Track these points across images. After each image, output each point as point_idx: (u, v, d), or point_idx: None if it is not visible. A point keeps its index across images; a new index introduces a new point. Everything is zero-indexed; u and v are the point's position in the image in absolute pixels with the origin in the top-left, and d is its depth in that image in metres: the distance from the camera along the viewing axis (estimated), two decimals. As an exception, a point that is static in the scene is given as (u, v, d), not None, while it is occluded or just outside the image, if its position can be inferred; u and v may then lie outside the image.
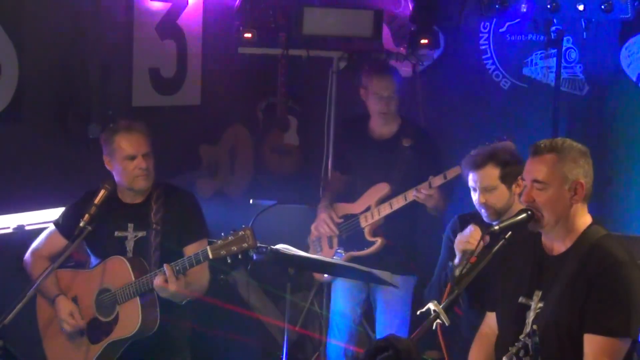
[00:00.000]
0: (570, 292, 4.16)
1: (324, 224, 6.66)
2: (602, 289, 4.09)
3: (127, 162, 5.51)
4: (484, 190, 5.21)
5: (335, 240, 6.68)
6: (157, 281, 5.27)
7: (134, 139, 5.52)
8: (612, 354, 4.07)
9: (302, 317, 7.51)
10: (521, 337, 4.00)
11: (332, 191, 6.92)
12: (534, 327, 3.98)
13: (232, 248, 5.16)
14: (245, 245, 5.15)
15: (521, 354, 3.96)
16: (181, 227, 5.59)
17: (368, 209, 6.52)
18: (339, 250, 6.63)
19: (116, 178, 5.59)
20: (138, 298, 5.37)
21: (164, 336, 5.48)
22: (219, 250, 5.19)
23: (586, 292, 4.11)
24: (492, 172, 5.20)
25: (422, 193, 6.17)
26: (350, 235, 6.61)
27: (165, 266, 5.26)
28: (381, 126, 6.61)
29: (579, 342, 4.13)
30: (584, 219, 4.31)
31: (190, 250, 5.47)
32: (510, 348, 4.00)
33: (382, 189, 6.46)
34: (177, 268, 5.27)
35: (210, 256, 5.22)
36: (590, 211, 4.37)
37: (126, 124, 5.58)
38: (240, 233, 5.16)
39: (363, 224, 6.54)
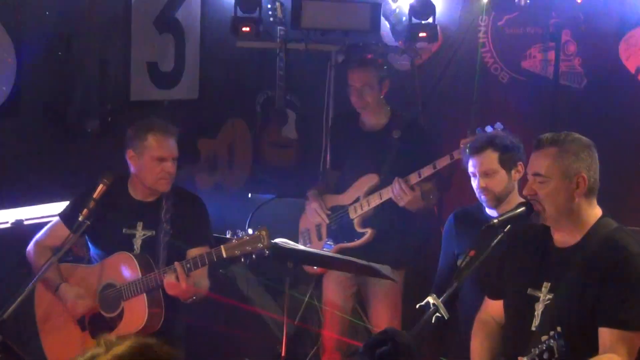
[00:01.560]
0: (582, 284, 4.14)
1: (314, 213, 6.66)
2: (617, 282, 4.07)
3: (156, 162, 5.47)
4: (484, 174, 5.26)
5: (324, 232, 6.67)
6: (169, 278, 5.24)
7: (169, 142, 5.50)
8: (628, 347, 4.05)
9: (301, 311, 7.50)
10: (544, 338, 3.98)
11: (325, 185, 6.91)
12: (559, 329, 3.96)
13: (247, 248, 5.11)
14: (260, 245, 5.10)
15: (545, 356, 3.94)
16: (188, 230, 5.57)
17: (357, 200, 6.52)
18: (328, 242, 6.62)
19: (136, 174, 5.57)
20: (145, 295, 5.36)
21: (162, 329, 5.45)
22: (234, 250, 5.14)
23: (599, 286, 4.10)
24: (491, 156, 5.26)
25: (396, 189, 6.20)
26: (339, 226, 6.60)
27: (176, 264, 5.22)
28: (370, 118, 6.63)
29: (590, 336, 4.11)
30: (593, 212, 4.30)
31: (193, 253, 5.44)
32: (532, 350, 3.98)
33: (371, 179, 6.47)
34: (188, 266, 5.24)
35: (224, 255, 5.17)
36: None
37: (162, 124, 5.54)
38: (256, 233, 5.12)
39: (352, 215, 6.53)
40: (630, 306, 4.05)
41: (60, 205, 5.81)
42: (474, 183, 5.33)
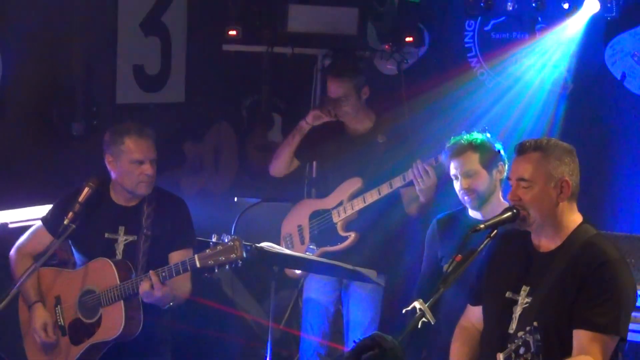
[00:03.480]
0: (560, 288, 4.19)
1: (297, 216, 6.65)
2: (593, 286, 4.13)
3: (134, 166, 5.46)
4: (466, 175, 5.33)
5: (307, 236, 6.65)
6: (143, 287, 5.25)
7: (145, 144, 5.48)
8: (600, 350, 4.09)
9: (286, 314, 7.51)
10: (520, 333, 4.01)
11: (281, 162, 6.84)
12: (535, 324, 3.99)
13: (220, 258, 5.14)
14: (233, 256, 5.12)
15: (521, 351, 3.97)
16: (170, 233, 5.56)
17: (340, 203, 6.50)
18: (311, 246, 6.57)
19: (116, 179, 5.55)
20: (122, 301, 5.35)
21: (145, 334, 5.45)
22: (207, 260, 5.17)
23: (577, 289, 4.15)
24: (472, 157, 5.34)
25: (418, 171, 6.09)
26: (322, 230, 6.58)
27: (150, 273, 5.24)
28: (354, 124, 6.60)
29: (565, 338, 4.15)
30: (574, 217, 4.34)
31: (175, 257, 5.46)
32: (509, 345, 4.02)
33: (355, 183, 6.44)
34: (163, 274, 5.25)
35: (198, 265, 5.19)
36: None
37: (138, 127, 5.53)
38: (229, 243, 5.14)
39: (335, 219, 6.50)
40: (606, 310, 4.10)
41: (46, 209, 5.79)
42: (457, 185, 5.39)
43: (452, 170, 5.39)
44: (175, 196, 5.83)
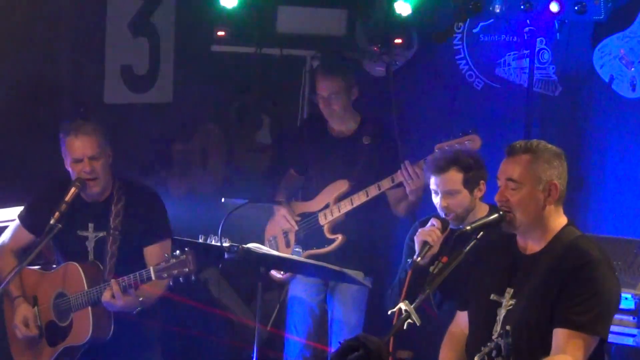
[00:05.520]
0: (543, 289, 4.20)
1: (283, 219, 6.62)
2: (575, 285, 4.13)
3: (74, 164, 5.47)
4: (446, 194, 5.21)
5: (292, 239, 6.63)
6: (105, 296, 5.29)
7: (80, 142, 5.45)
8: (579, 349, 4.09)
9: (273, 316, 7.50)
10: (494, 337, 4.01)
11: (287, 189, 6.88)
12: (507, 327, 3.99)
13: (174, 272, 5.21)
14: (186, 270, 5.20)
15: (493, 354, 3.97)
16: (142, 228, 5.57)
17: (327, 206, 6.48)
18: (296, 249, 6.57)
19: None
20: (90, 308, 5.37)
21: (134, 334, 5.46)
22: (162, 273, 5.24)
23: (558, 289, 4.15)
24: (455, 177, 5.20)
25: (407, 172, 6.07)
26: (308, 233, 6.56)
27: (112, 282, 5.28)
28: (339, 125, 6.60)
29: (548, 339, 4.15)
30: (559, 220, 4.35)
31: (150, 250, 5.48)
32: (482, 348, 4.01)
33: (341, 186, 6.43)
34: (124, 284, 5.26)
35: (153, 278, 5.25)
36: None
37: (75, 126, 5.50)
38: (182, 257, 5.18)
39: (322, 221, 6.49)
40: (586, 309, 4.11)
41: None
42: (436, 200, 5.27)
43: (432, 186, 5.27)
44: (145, 189, 5.82)
